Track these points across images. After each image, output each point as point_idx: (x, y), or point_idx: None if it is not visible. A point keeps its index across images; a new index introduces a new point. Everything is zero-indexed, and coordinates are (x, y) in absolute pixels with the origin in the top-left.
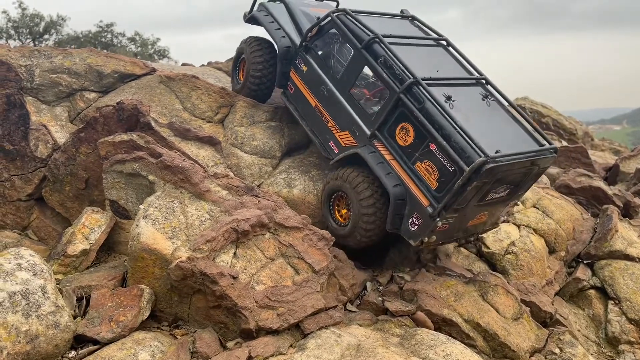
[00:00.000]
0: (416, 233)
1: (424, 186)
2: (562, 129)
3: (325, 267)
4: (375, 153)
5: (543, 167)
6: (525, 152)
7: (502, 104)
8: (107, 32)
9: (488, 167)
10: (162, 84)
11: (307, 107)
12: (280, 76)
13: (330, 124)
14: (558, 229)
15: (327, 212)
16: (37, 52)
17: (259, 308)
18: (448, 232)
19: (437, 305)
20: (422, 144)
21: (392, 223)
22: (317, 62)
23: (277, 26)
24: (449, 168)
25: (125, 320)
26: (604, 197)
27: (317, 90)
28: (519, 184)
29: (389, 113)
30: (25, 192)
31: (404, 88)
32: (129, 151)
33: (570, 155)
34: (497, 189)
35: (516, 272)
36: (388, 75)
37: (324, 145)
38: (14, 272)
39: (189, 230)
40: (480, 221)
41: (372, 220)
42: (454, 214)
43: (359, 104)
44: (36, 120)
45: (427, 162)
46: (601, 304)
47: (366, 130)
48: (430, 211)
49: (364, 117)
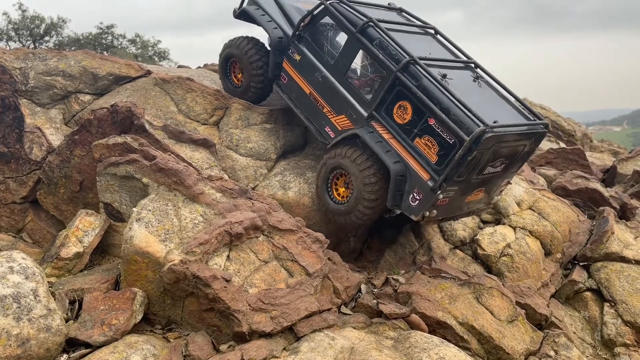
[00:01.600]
0: (417, 208)
1: (424, 161)
2: (561, 130)
3: (319, 269)
4: (373, 133)
5: (536, 141)
6: (521, 124)
7: (492, 86)
8: (107, 34)
9: (487, 135)
10: (157, 86)
11: (302, 95)
12: (273, 67)
13: (326, 109)
14: (554, 231)
15: (324, 191)
16: (32, 54)
17: (252, 311)
18: (448, 207)
19: (432, 308)
20: (421, 120)
21: (392, 199)
22: (311, 50)
23: (268, 18)
24: (448, 140)
25: (117, 323)
26: (601, 199)
27: (311, 78)
28: (514, 160)
29: (386, 93)
30: (19, 195)
31: (401, 67)
32: (122, 154)
33: (567, 157)
34: (494, 162)
35: (512, 274)
36: (384, 55)
37: (319, 131)
38: (5, 275)
39: (182, 233)
40: (477, 197)
41: (375, 191)
42: (454, 186)
43: (354, 87)
44: (31, 123)
45: (427, 137)
46: (597, 306)
47: (363, 112)
48: (431, 185)
49: (360, 101)
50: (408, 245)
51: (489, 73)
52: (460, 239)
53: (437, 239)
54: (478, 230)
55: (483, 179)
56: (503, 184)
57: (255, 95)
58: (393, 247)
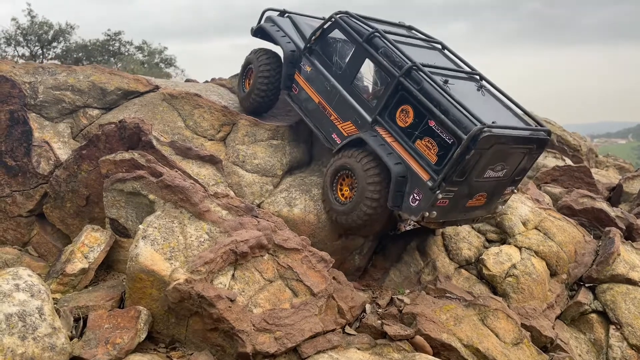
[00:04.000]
0: (417, 208)
1: (424, 161)
2: (566, 145)
3: (324, 289)
4: (377, 137)
5: (538, 148)
6: (522, 128)
7: (495, 96)
8: (115, 41)
9: (485, 134)
10: (165, 101)
11: (311, 104)
12: (285, 78)
13: (333, 117)
14: (560, 252)
15: (329, 191)
16: (42, 68)
17: (256, 331)
18: (448, 210)
19: (436, 330)
20: (422, 122)
21: (393, 200)
22: (321, 61)
23: (282, 34)
24: (447, 141)
25: (121, 342)
26: (607, 219)
27: (320, 87)
28: (516, 166)
29: (389, 98)
30: (26, 208)
31: (404, 72)
32: (130, 170)
33: (573, 175)
34: (494, 165)
35: (517, 295)
36: (388, 62)
37: (327, 137)
38: (11, 292)
39: (188, 251)
40: (479, 203)
41: (377, 190)
42: (453, 187)
43: (360, 94)
44: (39, 137)
45: (427, 138)
46: (602, 328)
47: (367, 117)
48: (430, 184)
49: (365, 107)
50: (413, 264)
51: (494, 85)
52: (465, 258)
53: (442, 258)
54: (483, 249)
55: (484, 183)
56: (507, 192)
57: (252, 106)
58: (398, 265)
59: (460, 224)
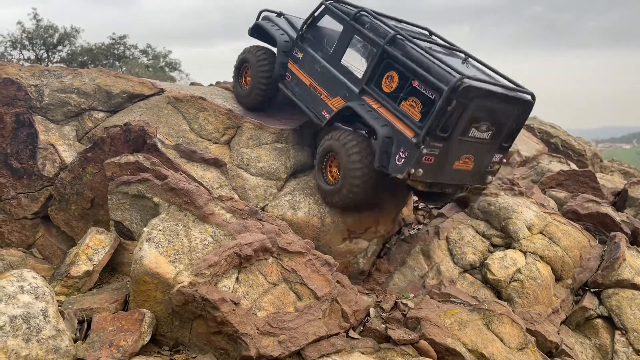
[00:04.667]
0: (403, 165)
1: (409, 120)
2: (571, 150)
3: (327, 293)
4: (364, 105)
5: (523, 112)
6: (503, 85)
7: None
8: (119, 44)
9: (465, 84)
10: (170, 104)
11: (303, 88)
12: (279, 67)
13: (323, 95)
14: (565, 256)
15: (319, 172)
16: (47, 71)
17: (260, 335)
18: (434, 169)
19: (441, 334)
20: (406, 84)
21: (380, 160)
22: (312, 46)
23: (277, 28)
24: (430, 97)
25: (125, 345)
26: (612, 224)
27: (311, 70)
28: (501, 128)
29: (375, 67)
30: (31, 211)
31: (388, 39)
32: (134, 172)
33: (578, 180)
34: (479, 124)
35: (522, 300)
36: (374, 35)
37: (317, 115)
38: (16, 294)
39: (192, 254)
40: (466, 166)
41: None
42: (437, 142)
43: (348, 70)
44: (44, 139)
45: (411, 99)
46: (608, 334)
47: (355, 89)
48: (415, 141)
49: (353, 81)
50: (417, 268)
51: (481, 61)
52: (470, 262)
53: (447, 262)
54: (488, 254)
55: (470, 144)
56: (496, 161)
57: (258, 98)
58: (402, 269)
59: (449, 190)
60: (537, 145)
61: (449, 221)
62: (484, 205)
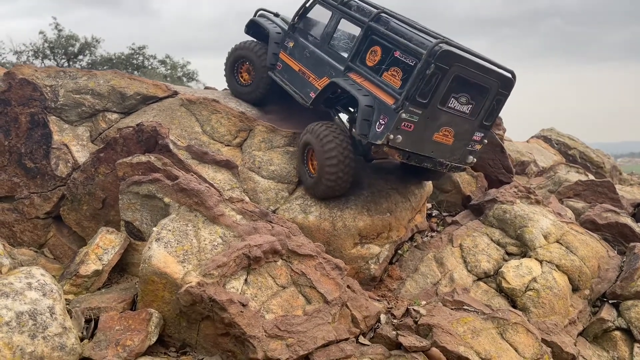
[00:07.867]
0: (382, 131)
1: (390, 88)
2: (590, 162)
3: (337, 297)
4: (348, 80)
5: (504, 89)
6: (483, 57)
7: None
8: (139, 55)
9: (444, 48)
10: (183, 106)
11: (292, 74)
12: (270, 57)
13: (311, 77)
14: (582, 266)
15: (302, 166)
16: (63, 72)
17: (268, 338)
18: (413, 137)
19: (453, 342)
20: (388, 55)
21: (360, 127)
22: (302, 35)
23: (270, 22)
24: (410, 64)
25: (132, 344)
26: (631, 234)
27: (301, 56)
28: (482, 105)
29: (360, 44)
30: (43, 210)
31: (373, 17)
32: (146, 173)
33: (596, 190)
34: (458, 95)
35: (537, 310)
36: (360, 14)
37: (304, 98)
38: (23, 291)
39: (201, 255)
40: (446, 140)
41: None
42: (417, 108)
43: (335, 51)
44: (58, 140)
45: (392, 68)
46: (627, 346)
47: (340, 67)
48: (394, 107)
49: (338, 59)
50: (430, 276)
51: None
52: (484, 270)
53: (460, 269)
54: (503, 262)
55: (450, 116)
56: (477, 139)
57: (262, 94)
58: (414, 276)
59: (427, 165)
60: (554, 156)
61: (463, 229)
62: (499, 213)
